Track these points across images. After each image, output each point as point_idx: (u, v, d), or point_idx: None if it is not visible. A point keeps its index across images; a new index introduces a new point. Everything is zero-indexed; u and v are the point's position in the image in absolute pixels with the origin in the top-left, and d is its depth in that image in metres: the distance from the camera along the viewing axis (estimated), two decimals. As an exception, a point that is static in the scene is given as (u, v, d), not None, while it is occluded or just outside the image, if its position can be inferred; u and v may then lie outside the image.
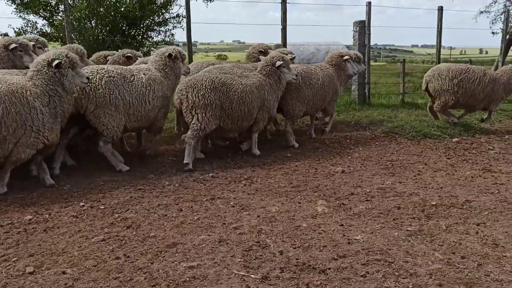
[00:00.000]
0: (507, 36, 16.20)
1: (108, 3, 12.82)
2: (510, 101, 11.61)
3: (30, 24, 14.23)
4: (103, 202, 4.53)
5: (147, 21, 13.80)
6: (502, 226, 4.02)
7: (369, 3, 9.72)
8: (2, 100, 4.34)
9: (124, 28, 13.07)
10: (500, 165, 6.07)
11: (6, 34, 12.60)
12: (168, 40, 14.64)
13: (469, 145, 7.29)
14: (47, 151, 4.91)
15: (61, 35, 13.08)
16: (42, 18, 14.03)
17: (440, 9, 10.61)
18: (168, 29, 14.60)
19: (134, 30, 13.57)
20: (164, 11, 14.16)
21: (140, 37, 13.89)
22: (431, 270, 3.18)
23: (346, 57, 7.62)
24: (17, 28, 14.03)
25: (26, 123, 4.51)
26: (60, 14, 13.50)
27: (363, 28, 9.84)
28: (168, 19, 14.43)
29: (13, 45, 5.77)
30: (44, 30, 14.44)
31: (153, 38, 14.57)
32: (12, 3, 13.71)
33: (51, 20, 13.90)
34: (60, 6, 13.27)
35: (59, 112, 4.81)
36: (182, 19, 13.92)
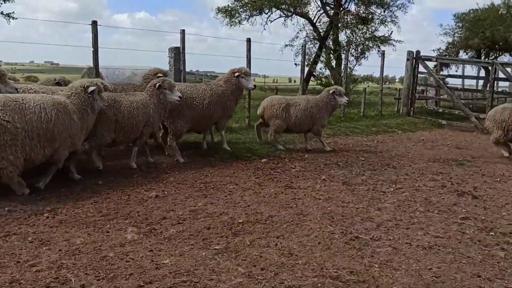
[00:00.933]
0: (307, 67, 18.42)
1: None
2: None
3: None
4: None
5: None
6: (297, 237, 4.47)
7: (183, 30, 10.05)
8: (53, 108, 5.43)
9: None
10: (299, 181, 6.77)
11: None
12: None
13: (275, 164, 7.97)
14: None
15: None
16: None
17: (248, 41, 11.53)
18: (-40, 46, 12.79)
19: None
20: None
21: None
22: (233, 285, 3.35)
23: (237, 73, 8.27)
24: None
25: (68, 129, 5.60)
26: None
27: (178, 54, 10.10)
28: (-40, 35, 12.65)
29: None
30: None
31: None
32: None
33: None
34: None
35: (84, 127, 5.97)
36: (-22, 35, 12.34)
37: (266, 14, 22.18)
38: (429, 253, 4.16)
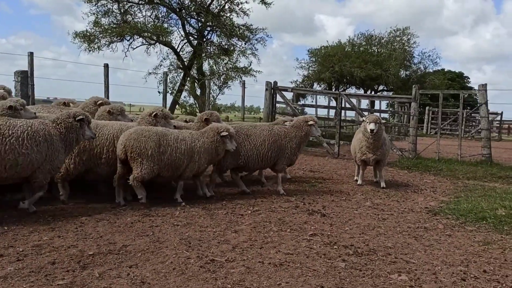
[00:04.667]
0: (172, 96, 18.39)
1: None
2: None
3: None
4: None
5: None
6: (152, 265, 4.34)
7: (31, 53, 9.36)
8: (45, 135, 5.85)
9: None
10: (158, 209, 6.62)
11: None
12: None
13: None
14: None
15: None
16: None
17: (106, 66, 11.15)
18: None
19: None
20: None
21: None
22: (75, 321, 3.10)
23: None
24: None
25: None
26: None
27: (25, 78, 9.33)
28: None
29: None
30: None
31: None
32: None
33: None
34: None
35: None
36: None
37: (127, 41, 21.74)
38: (280, 270, 4.35)
